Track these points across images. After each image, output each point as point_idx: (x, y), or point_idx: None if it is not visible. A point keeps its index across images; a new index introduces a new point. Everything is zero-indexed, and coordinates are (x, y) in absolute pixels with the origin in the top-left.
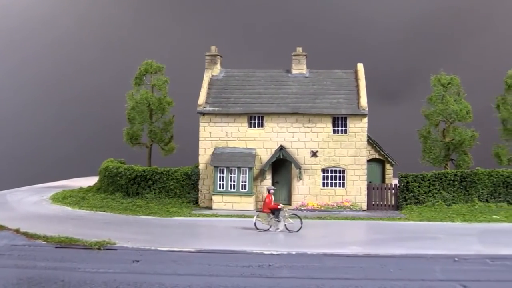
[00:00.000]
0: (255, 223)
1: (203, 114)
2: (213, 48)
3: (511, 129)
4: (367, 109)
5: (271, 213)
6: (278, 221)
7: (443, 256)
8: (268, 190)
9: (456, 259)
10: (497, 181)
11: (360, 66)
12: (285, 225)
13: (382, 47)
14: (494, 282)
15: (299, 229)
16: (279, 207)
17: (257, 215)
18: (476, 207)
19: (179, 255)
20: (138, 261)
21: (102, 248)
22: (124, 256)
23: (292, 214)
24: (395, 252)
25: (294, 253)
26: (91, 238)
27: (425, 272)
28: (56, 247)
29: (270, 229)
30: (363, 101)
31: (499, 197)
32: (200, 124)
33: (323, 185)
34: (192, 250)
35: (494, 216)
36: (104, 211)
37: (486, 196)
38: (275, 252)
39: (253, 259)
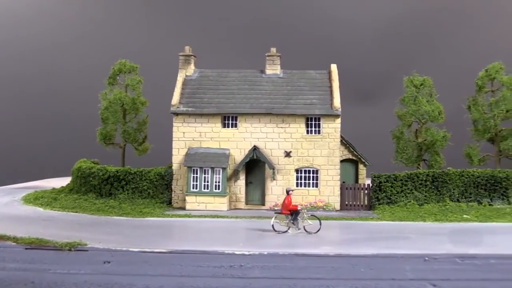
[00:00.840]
0: (272, 225)
1: (177, 114)
2: (187, 48)
3: (481, 130)
4: (340, 109)
5: (290, 214)
6: (297, 222)
7: (414, 255)
8: (288, 191)
9: (426, 258)
10: (468, 181)
11: (333, 67)
12: (304, 226)
13: (357, 48)
14: (463, 281)
15: (318, 230)
16: (298, 208)
17: (275, 217)
18: (447, 207)
19: (150, 256)
20: (109, 262)
21: (72, 249)
22: (95, 257)
23: (311, 215)
24: (366, 252)
25: (265, 253)
26: (62, 239)
27: (395, 271)
28: (26, 248)
29: (289, 231)
30: (337, 101)
31: (470, 197)
32: (174, 124)
33: (297, 185)
34: (164, 250)
35: (464, 216)
36: (76, 212)
37: (457, 196)
38: (246, 253)
39: (225, 260)
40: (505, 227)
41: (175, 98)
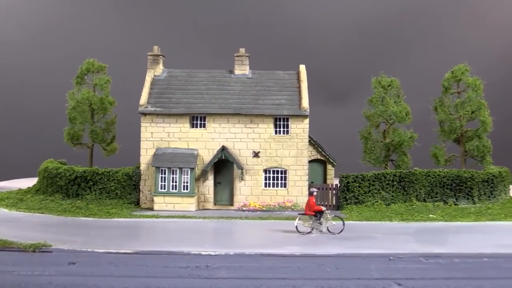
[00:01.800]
0: (296, 226)
1: (145, 114)
2: (155, 48)
3: (447, 130)
4: (308, 110)
5: (314, 215)
6: (320, 223)
7: (379, 255)
8: (311, 193)
9: (392, 258)
10: (434, 181)
11: (302, 68)
12: (327, 227)
13: (327, 49)
14: (427, 280)
15: (341, 231)
16: (323, 209)
17: (299, 218)
18: (414, 206)
19: (116, 257)
20: (74, 263)
21: (37, 250)
22: (60, 258)
23: (335, 216)
24: (332, 251)
25: (232, 253)
26: (26, 240)
27: (361, 271)
28: None
29: (313, 232)
30: (305, 102)
31: (436, 197)
32: (142, 124)
33: (265, 186)
34: (130, 251)
35: (430, 215)
36: (42, 213)
37: (423, 195)
38: (212, 253)
39: (191, 260)
40: (469, 226)
41: (143, 98)
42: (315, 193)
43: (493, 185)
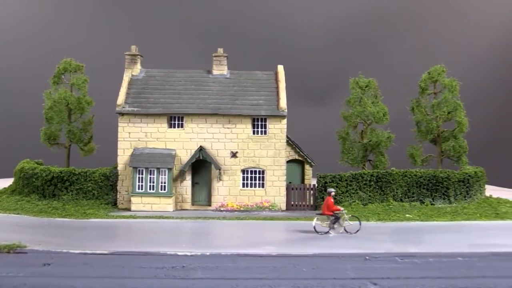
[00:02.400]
0: (314, 226)
1: (122, 114)
2: (133, 47)
3: (424, 131)
4: (286, 110)
5: (332, 216)
6: (339, 223)
7: (355, 255)
8: (329, 193)
9: (367, 257)
10: (411, 181)
11: (280, 68)
12: (344, 227)
13: (307, 50)
14: (403, 279)
15: (358, 231)
16: (341, 209)
17: (317, 218)
18: (391, 206)
19: (91, 258)
20: (49, 264)
21: (11, 251)
22: (35, 259)
23: (351, 216)
24: (308, 251)
25: (208, 254)
26: (1, 241)
27: (337, 270)
28: None
29: (330, 232)
30: (283, 102)
31: (413, 197)
32: (119, 124)
33: (243, 186)
34: (106, 252)
35: (407, 215)
36: (17, 214)
37: (400, 195)
38: (189, 253)
39: (167, 260)
40: (445, 226)
41: (121, 98)
42: (333, 193)
43: (469, 185)
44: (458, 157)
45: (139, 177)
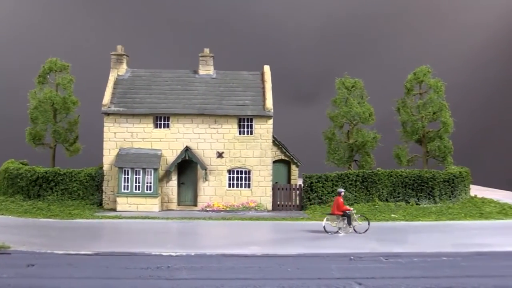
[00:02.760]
0: (324, 226)
1: (108, 114)
2: (119, 47)
3: (410, 131)
4: (272, 110)
5: (342, 215)
6: (349, 223)
7: (340, 254)
8: (339, 193)
9: (352, 257)
10: (396, 181)
11: (266, 68)
12: (353, 227)
13: (295, 50)
14: (388, 279)
15: (366, 230)
16: (351, 209)
17: (327, 218)
18: (376, 206)
19: (76, 258)
20: (33, 265)
21: None
22: (19, 260)
23: (360, 216)
24: (293, 251)
25: (193, 254)
26: None
27: (322, 270)
28: None
29: (339, 231)
30: (269, 103)
31: (398, 197)
32: (105, 124)
33: (229, 186)
34: (90, 252)
35: (392, 215)
36: (2, 214)
37: (386, 195)
38: (173, 254)
39: (151, 261)
40: (429, 226)
41: (106, 98)
42: (343, 193)
43: (453, 185)
44: (443, 157)
45: (124, 177)
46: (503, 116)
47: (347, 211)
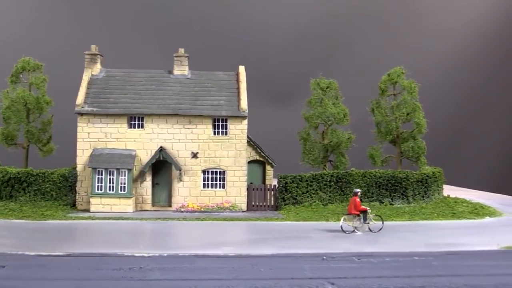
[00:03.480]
0: (341, 226)
1: (81, 114)
2: (93, 47)
3: (384, 132)
4: (247, 111)
5: (358, 215)
6: (364, 222)
7: (313, 255)
8: (356, 193)
9: (325, 257)
10: (370, 181)
11: (241, 69)
12: (368, 226)
13: (271, 51)
14: (360, 278)
15: (380, 229)
16: (367, 209)
17: (344, 218)
18: None
19: (47, 260)
20: (3, 267)
21: None
22: None
23: (375, 215)
24: (266, 252)
25: (165, 254)
26: None
27: (295, 270)
28: None
29: (356, 231)
30: (243, 103)
31: (372, 197)
32: (78, 124)
33: (204, 187)
34: (62, 254)
35: None
36: None
37: (360, 196)
38: (146, 254)
39: (124, 262)
40: (402, 226)
41: (80, 98)
42: (359, 193)
43: (427, 185)
44: (417, 158)
45: (98, 178)
46: (476, 117)
47: (364, 211)
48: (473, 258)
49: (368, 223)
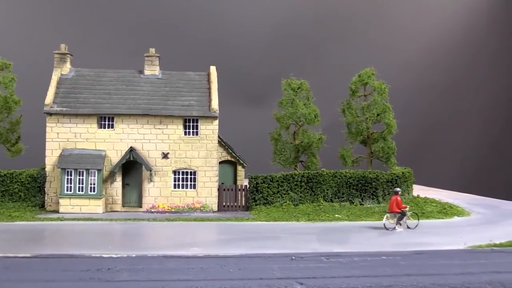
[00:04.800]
0: (384, 224)
1: (50, 114)
2: (62, 46)
3: (354, 132)
4: (218, 111)
5: (399, 213)
6: (404, 220)
7: (281, 255)
8: (397, 192)
9: (293, 257)
10: (341, 182)
11: (212, 69)
12: (406, 223)
13: (243, 51)
14: (328, 278)
15: (416, 226)
16: (407, 207)
17: (386, 216)
18: (321, 206)
19: (13, 261)
20: None
21: None
22: None
23: (412, 213)
24: (235, 252)
25: (134, 255)
26: None
27: (263, 271)
28: None
29: (396, 227)
30: (214, 103)
31: (343, 197)
32: (47, 124)
33: (174, 187)
34: (28, 255)
35: (336, 215)
36: None
37: (330, 196)
38: (114, 255)
39: (92, 263)
40: (372, 225)
41: (49, 97)
42: (400, 192)
43: (396, 185)
44: (387, 158)
45: (67, 179)
46: (446, 118)
47: (404, 209)
48: (440, 258)
49: (401, 221)
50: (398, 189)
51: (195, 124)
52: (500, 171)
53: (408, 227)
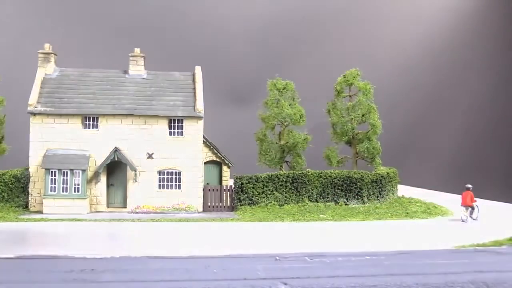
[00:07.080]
0: (461, 217)
1: (34, 114)
2: (46, 45)
3: (340, 132)
4: (203, 111)
5: (471, 206)
6: (475, 213)
7: (266, 255)
8: (468, 188)
9: (278, 258)
10: (326, 182)
11: (198, 69)
12: (472, 216)
13: (229, 52)
14: (313, 278)
15: (477, 217)
16: (477, 201)
17: (463, 210)
18: (306, 207)
19: None
20: None
21: None
22: None
23: (476, 205)
24: (219, 252)
25: (118, 256)
26: None
27: (248, 271)
28: None
29: (468, 219)
30: (199, 104)
31: (328, 197)
32: (31, 124)
33: (159, 187)
34: (11, 256)
35: (321, 215)
36: None
37: (315, 196)
38: (98, 256)
39: (75, 264)
40: (356, 225)
41: (33, 97)
42: (471, 188)
43: (381, 186)
44: (372, 158)
45: (51, 179)
46: (431, 118)
47: (474, 203)
48: (424, 257)
49: (472, 214)
50: (469, 185)
51: (180, 124)
52: (483, 171)
53: (473, 219)
